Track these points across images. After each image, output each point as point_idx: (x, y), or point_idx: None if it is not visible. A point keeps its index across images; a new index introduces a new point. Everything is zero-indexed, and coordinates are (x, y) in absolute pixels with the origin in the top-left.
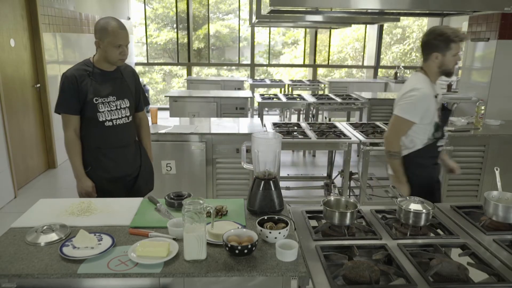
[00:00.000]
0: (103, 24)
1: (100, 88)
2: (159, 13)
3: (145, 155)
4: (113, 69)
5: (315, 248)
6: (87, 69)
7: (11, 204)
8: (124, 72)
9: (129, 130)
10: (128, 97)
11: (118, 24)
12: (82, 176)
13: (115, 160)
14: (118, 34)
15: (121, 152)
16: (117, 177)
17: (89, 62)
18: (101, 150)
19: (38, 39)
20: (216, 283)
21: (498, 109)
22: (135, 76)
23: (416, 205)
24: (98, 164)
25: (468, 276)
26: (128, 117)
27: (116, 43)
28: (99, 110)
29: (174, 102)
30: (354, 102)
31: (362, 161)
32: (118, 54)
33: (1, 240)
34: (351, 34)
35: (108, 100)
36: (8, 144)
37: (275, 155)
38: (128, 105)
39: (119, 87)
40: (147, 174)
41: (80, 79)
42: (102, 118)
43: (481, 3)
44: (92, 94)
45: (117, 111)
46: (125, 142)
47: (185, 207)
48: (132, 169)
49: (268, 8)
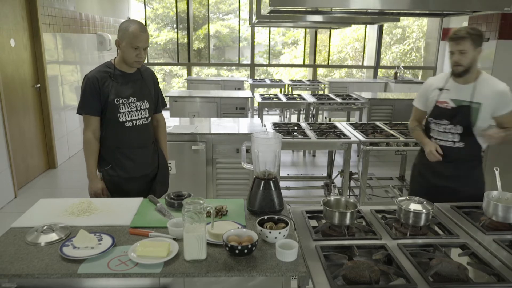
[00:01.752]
0: (126, 24)
1: (122, 89)
2: (159, 13)
3: (162, 156)
4: (133, 71)
5: (315, 248)
6: (109, 71)
7: (11, 204)
8: (144, 74)
9: (148, 131)
10: (148, 98)
11: (140, 27)
12: (94, 177)
13: (134, 160)
14: (137, 36)
15: (140, 152)
16: (136, 177)
17: (111, 64)
18: (121, 150)
19: (38, 39)
20: (216, 283)
21: None
22: (154, 78)
23: (416, 205)
24: (117, 163)
25: (468, 276)
26: (147, 118)
27: (134, 45)
28: (119, 111)
29: (174, 102)
30: (354, 102)
31: (362, 161)
32: (135, 56)
33: (1, 240)
34: (351, 34)
35: (129, 101)
36: (8, 144)
37: (275, 155)
38: (147, 107)
39: (140, 89)
40: (164, 176)
41: (101, 81)
42: (123, 118)
43: (481, 3)
44: (113, 95)
45: (137, 112)
46: (144, 143)
47: (185, 207)
48: (150, 169)
49: (268, 8)
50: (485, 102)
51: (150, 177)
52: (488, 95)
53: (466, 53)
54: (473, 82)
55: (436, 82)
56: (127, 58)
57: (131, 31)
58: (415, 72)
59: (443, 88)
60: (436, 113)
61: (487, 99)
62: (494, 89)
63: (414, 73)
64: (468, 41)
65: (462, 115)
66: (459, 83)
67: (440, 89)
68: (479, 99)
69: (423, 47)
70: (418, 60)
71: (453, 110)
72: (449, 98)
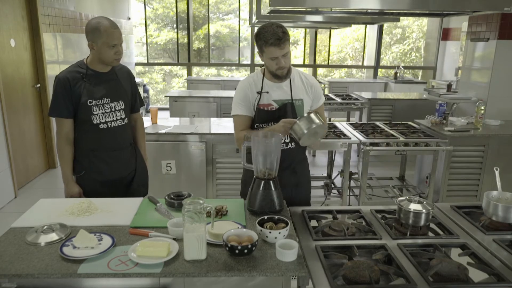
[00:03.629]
0: (95, 24)
1: (94, 90)
2: (159, 13)
3: (140, 158)
4: (108, 70)
5: (315, 248)
6: (81, 71)
7: (11, 204)
8: (119, 73)
9: (124, 133)
10: (123, 98)
11: (110, 24)
12: (69, 181)
13: (110, 163)
14: (111, 34)
15: (116, 155)
16: (112, 180)
17: (83, 63)
18: (95, 153)
19: (38, 39)
20: (216, 283)
21: (498, 109)
22: (130, 76)
23: (416, 205)
24: (92, 167)
25: (468, 276)
26: (124, 119)
27: (111, 43)
28: (93, 113)
29: (174, 102)
30: (354, 102)
31: (362, 161)
32: (113, 54)
33: (1, 240)
34: (351, 34)
35: (102, 102)
36: (8, 144)
37: (275, 155)
38: (123, 107)
39: (114, 89)
40: (142, 178)
41: (73, 82)
42: (97, 120)
43: (481, 3)
44: (86, 96)
45: (112, 113)
46: (120, 145)
47: (185, 207)
48: (126, 172)
49: (268, 8)
50: (304, 97)
51: (127, 179)
52: (304, 89)
53: (288, 53)
54: (288, 79)
55: (251, 86)
56: (106, 58)
57: (103, 31)
58: (415, 72)
59: (261, 91)
60: (262, 117)
61: (304, 94)
62: (308, 83)
63: (414, 73)
64: (288, 41)
65: (288, 114)
66: (275, 82)
67: (258, 92)
68: (299, 95)
69: (423, 47)
70: (418, 60)
71: (278, 111)
72: (271, 100)
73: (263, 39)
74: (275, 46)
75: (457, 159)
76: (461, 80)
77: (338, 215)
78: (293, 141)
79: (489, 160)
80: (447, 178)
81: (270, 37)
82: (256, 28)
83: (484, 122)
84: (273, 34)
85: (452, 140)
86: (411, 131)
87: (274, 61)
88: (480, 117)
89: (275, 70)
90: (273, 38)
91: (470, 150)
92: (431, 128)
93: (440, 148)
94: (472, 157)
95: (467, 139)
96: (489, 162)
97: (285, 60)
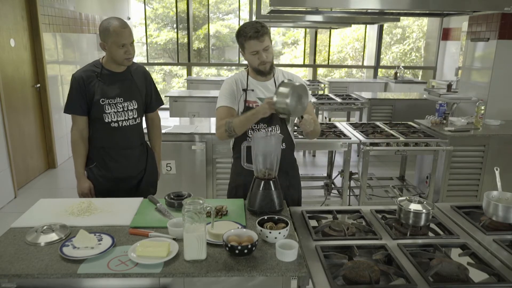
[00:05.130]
0: (105, 25)
1: (108, 89)
2: (159, 13)
3: (151, 158)
4: (122, 70)
5: (315, 248)
6: (96, 70)
7: (11, 204)
8: (134, 73)
9: (135, 132)
10: (137, 98)
11: (120, 23)
12: (81, 177)
13: (120, 161)
14: (120, 33)
15: (126, 153)
16: (120, 178)
17: (98, 63)
18: (106, 150)
19: (38, 39)
20: (216, 283)
21: (498, 109)
22: (146, 76)
23: (416, 205)
24: (101, 163)
25: (468, 276)
26: (136, 119)
27: (119, 43)
28: (105, 111)
29: (174, 102)
30: (354, 102)
31: (362, 161)
32: (123, 54)
33: (1, 240)
34: (351, 34)
35: (115, 102)
36: (8, 144)
37: (275, 155)
38: (136, 107)
39: (128, 89)
40: (151, 179)
41: (87, 80)
42: (108, 119)
43: (481, 3)
44: (99, 95)
45: (124, 113)
46: (130, 144)
47: (185, 207)
48: (135, 171)
49: (268, 8)
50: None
51: (137, 179)
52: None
53: (269, 47)
54: (272, 78)
55: (237, 83)
56: (117, 57)
57: (112, 30)
58: (415, 72)
59: (246, 89)
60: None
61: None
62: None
63: (414, 73)
64: (268, 35)
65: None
66: (259, 80)
67: (244, 89)
68: None
69: (423, 47)
70: (418, 60)
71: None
72: (256, 98)
73: (243, 34)
74: (254, 39)
75: (457, 159)
76: (461, 80)
77: (338, 215)
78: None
79: (489, 160)
80: (447, 178)
81: (249, 31)
82: None
83: (484, 122)
84: (252, 28)
85: (452, 140)
86: (411, 131)
87: (255, 56)
88: (480, 117)
89: (257, 65)
90: (251, 31)
91: (470, 150)
92: (431, 128)
93: (440, 148)
94: (472, 157)
95: (467, 139)
96: (489, 162)
97: (267, 54)
